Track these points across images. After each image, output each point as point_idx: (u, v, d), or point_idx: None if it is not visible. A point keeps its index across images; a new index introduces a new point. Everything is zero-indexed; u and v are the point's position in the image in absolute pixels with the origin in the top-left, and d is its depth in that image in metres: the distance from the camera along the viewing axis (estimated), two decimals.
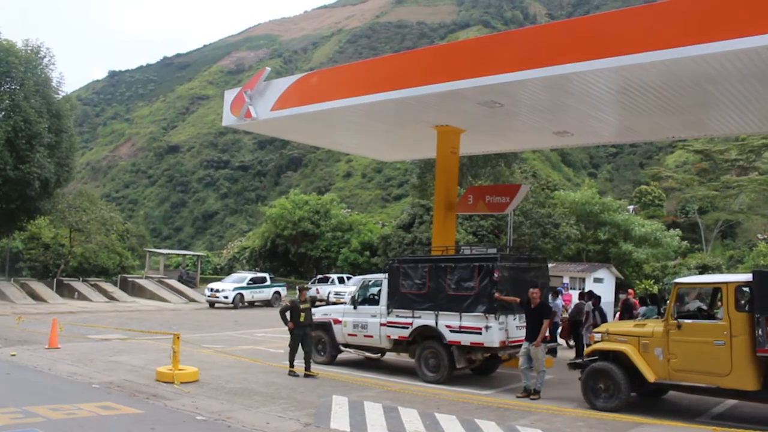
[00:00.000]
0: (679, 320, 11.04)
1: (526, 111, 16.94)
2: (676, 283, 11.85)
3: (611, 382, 11.57)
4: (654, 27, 12.47)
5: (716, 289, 11.58)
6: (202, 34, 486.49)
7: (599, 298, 19.17)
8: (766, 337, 10.02)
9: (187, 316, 31.33)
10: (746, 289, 10.65)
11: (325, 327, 16.26)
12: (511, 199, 18.86)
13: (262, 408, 11.27)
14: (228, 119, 19.36)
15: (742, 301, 10.60)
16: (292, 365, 14.71)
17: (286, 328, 15.05)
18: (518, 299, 13.44)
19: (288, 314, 14.95)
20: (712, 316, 11.32)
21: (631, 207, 62.12)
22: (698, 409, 12.06)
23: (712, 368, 10.59)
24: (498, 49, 14.89)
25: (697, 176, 68.73)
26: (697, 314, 11.72)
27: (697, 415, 11.53)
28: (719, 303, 11.17)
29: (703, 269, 41.17)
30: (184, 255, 62.32)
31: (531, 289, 13.14)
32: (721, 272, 37.60)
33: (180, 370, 13.47)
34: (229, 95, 19.24)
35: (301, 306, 14.89)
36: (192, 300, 41.77)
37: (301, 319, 14.77)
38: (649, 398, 12.70)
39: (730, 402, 12.19)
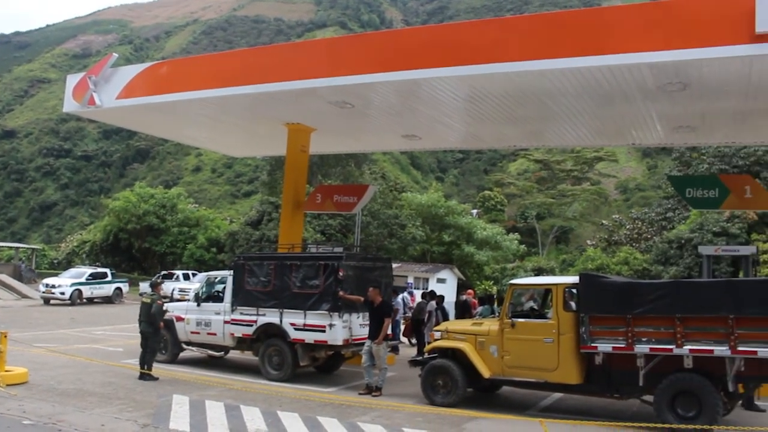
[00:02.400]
0: (513, 319, 11.63)
1: (377, 113, 17.21)
2: (511, 284, 12.52)
3: (449, 378, 11.99)
4: (500, 40, 13.04)
5: (547, 290, 12.28)
6: (45, 13, 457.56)
7: (442, 297, 19.79)
8: (590, 334, 10.77)
9: (19, 314, 29.32)
10: (574, 290, 11.38)
11: (167, 324, 15.77)
12: (358, 199, 19.08)
13: (97, 409, 10.77)
14: (70, 105, 18.33)
15: (570, 302, 11.34)
16: (151, 368, 14.03)
17: (135, 325, 14.38)
18: (362, 298, 13.61)
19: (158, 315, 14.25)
20: (543, 316, 11.98)
21: (474, 211, 64.52)
22: (528, 402, 12.72)
23: (542, 364, 11.23)
24: (351, 50, 15.07)
25: (536, 184, 72.58)
26: (530, 314, 12.40)
27: (527, 408, 12.17)
28: (550, 303, 11.84)
29: (539, 271, 43.50)
30: (17, 248, 58.46)
31: (369, 289, 13.36)
32: (555, 275, 39.86)
33: (6, 371, 12.53)
34: (72, 80, 18.23)
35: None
36: (25, 296, 39.08)
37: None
38: (484, 393, 13.21)
39: (557, 395, 12.96)
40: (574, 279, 11.58)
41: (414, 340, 20.43)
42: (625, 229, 51.40)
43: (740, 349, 9.81)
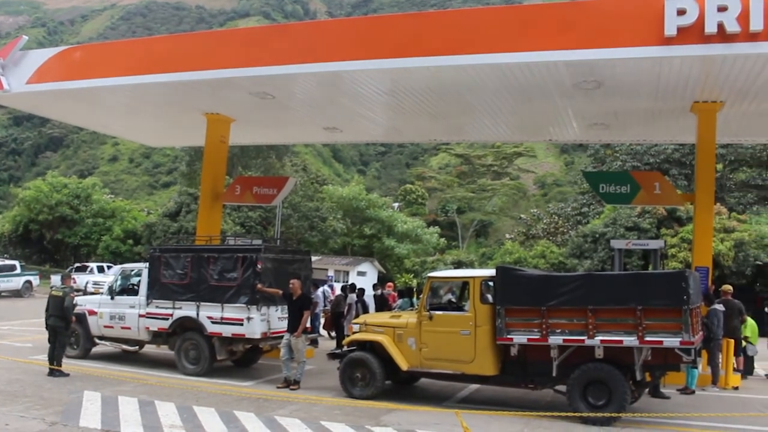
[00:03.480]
0: (430, 312, 11.75)
1: (298, 105, 17.06)
2: (429, 277, 12.65)
3: (368, 371, 12.04)
4: (422, 34, 13.11)
5: (465, 283, 12.44)
6: None
7: (363, 290, 19.82)
8: (505, 326, 10.98)
9: None
10: (490, 283, 11.56)
11: (79, 318, 15.27)
12: (278, 192, 18.89)
13: (2, 408, 10.30)
14: None
15: (487, 294, 11.52)
16: (61, 363, 13.52)
17: (47, 321, 13.80)
18: (281, 291, 13.51)
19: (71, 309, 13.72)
20: (460, 308, 12.14)
21: (396, 204, 64.92)
22: (446, 394, 12.88)
23: (459, 356, 11.39)
24: (272, 41, 14.85)
25: (457, 178, 73.52)
26: (447, 306, 12.55)
27: (445, 400, 12.33)
28: (467, 296, 12.00)
29: (459, 265, 44.05)
30: None
31: (292, 281, 13.29)
32: (474, 268, 40.47)
33: None
34: None
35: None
36: None
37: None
38: (403, 385, 13.31)
39: (474, 386, 13.16)
40: (491, 272, 11.76)
41: (334, 333, 20.42)
42: (543, 223, 52.59)
43: (647, 339, 10.17)
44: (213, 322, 13.85)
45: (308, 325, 13.79)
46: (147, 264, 15.09)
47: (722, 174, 41.31)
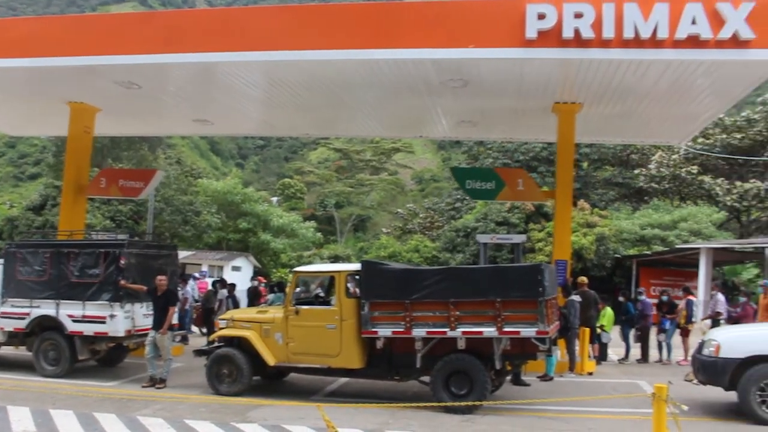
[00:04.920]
0: (297, 306, 11.77)
1: (166, 96, 16.62)
2: (295, 272, 12.67)
3: (235, 367, 11.87)
4: (294, 27, 13.10)
5: (332, 278, 12.48)
6: None
7: (233, 285, 19.58)
8: (370, 320, 11.12)
9: None
10: (357, 277, 11.68)
11: None
12: (146, 185, 18.30)
13: None
14: None
15: (352, 288, 11.63)
16: None
17: None
18: (145, 287, 13.15)
19: None
20: (328, 303, 12.18)
21: (275, 198, 64.36)
22: (315, 388, 12.89)
23: (325, 350, 11.44)
24: (139, 28, 14.32)
25: (335, 173, 73.66)
26: (315, 300, 12.60)
27: (313, 394, 12.37)
28: (334, 290, 12.07)
29: (335, 259, 44.19)
30: None
31: (158, 277, 12.96)
32: (351, 262, 40.69)
33: None
34: None
35: None
36: None
37: None
38: (271, 381, 13.23)
39: (344, 380, 13.26)
40: (356, 266, 11.87)
41: (205, 330, 20.06)
42: (419, 218, 53.55)
43: (506, 329, 10.55)
44: (74, 321, 13.31)
45: (175, 321, 13.50)
46: (2, 261, 14.32)
47: (586, 172, 43.43)
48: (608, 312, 16.86)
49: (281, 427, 9.55)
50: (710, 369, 10.90)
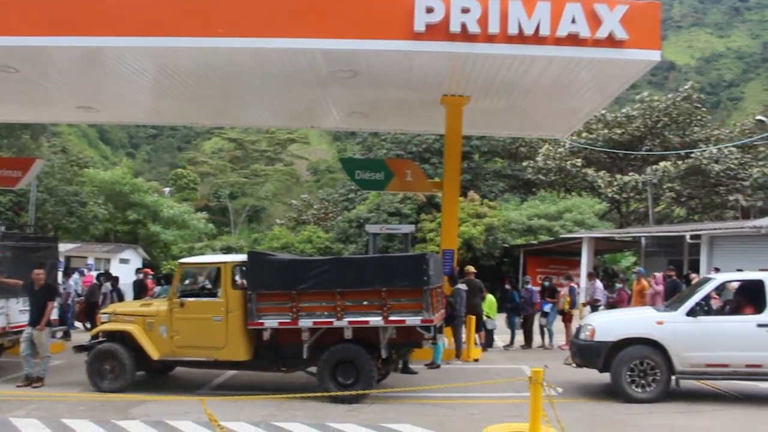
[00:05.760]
0: (182, 299, 11.53)
1: (47, 81, 15.82)
2: (181, 264, 12.41)
3: (117, 362, 11.49)
4: (183, 13, 12.79)
5: (219, 269, 12.29)
6: None
7: (117, 278, 19.02)
8: (257, 311, 11.03)
9: None
10: (243, 268, 11.56)
11: None
12: (23, 174, 17.51)
13: None
14: None
15: (238, 280, 11.51)
16: None
17: None
18: (21, 282, 12.57)
19: None
20: (214, 294, 11.98)
21: (167, 189, 62.80)
22: (201, 381, 12.70)
23: (211, 342, 11.27)
24: (17, 9, 13.59)
25: (230, 163, 72.57)
26: (201, 293, 12.39)
27: (200, 387, 12.17)
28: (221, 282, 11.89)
29: (228, 250, 43.55)
30: None
31: (34, 270, 12.40)
32: (244, 253, 40.13)
33: None
34: None
35: None
36: None
37: None
38: (157, 375, 12.92)
39: (230, 372, 13.11)
40: (243, 257, 11.74)
41: (89, 325, 19.38)
42: (313, 209, 53.49)
43: (392, 318, 10.70)
44: None
45: (55, 317, 12.98)
46: None
47: (477, 164, 44.44)
48: (490, 299, 17.34)
49: (164, 422, 9.34)
50: (586, 352, 11.44)
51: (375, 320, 10.74)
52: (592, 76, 14.09)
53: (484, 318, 16.74)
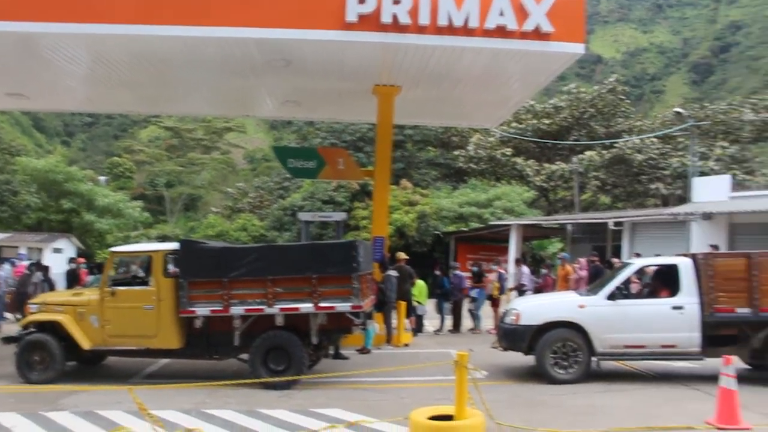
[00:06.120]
0: (113, 288, 11.50)
1: None
2: (112, 252, 12.34)
3: (46, 353, 11.39)
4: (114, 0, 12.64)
5: (150, 257, 12.24)
6: None
7: (48, 268, 18.70)
8: (189, 299, 11.08)
9: None
10: (175, 256, 11.58)
11: None
12: None
13: None
14: None
15: (170, 268, 11.53)
16: None
17: None
18: None
19: None
20: (146, 283, 11.95)
21: (103, 178, 61.42)
22: (133, 370, 12.63)
23: (143, 331, 11.28)
24: None
25: (166, 152, 71.48)
26: (132, 281, 12.34)
27: (132, 376, 12.12)
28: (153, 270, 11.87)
29: (164, 239, 43.01)
30: None
31: None
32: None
33: None
34: None
35: None
36: None
37: None
38: (88, 365, 12.80)
39: (163, 361, 13.11)
40: (175, 245, 11.75)
41: (20, 315, 18.99)
42: (249, 197, 53.16)
43: (322, 305, 10.89)
44: None
45: None
46: None
47: (410, 153, 44.83)
48: (420, 285, 17.67)
49: (94, 413, 9.32)
50: (511, 335, 11.87)
51: (306, 307, 10.90)
52: (519, 67, 14.49)
53: (414, 304, 17.07)
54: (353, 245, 11.13)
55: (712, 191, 26.26)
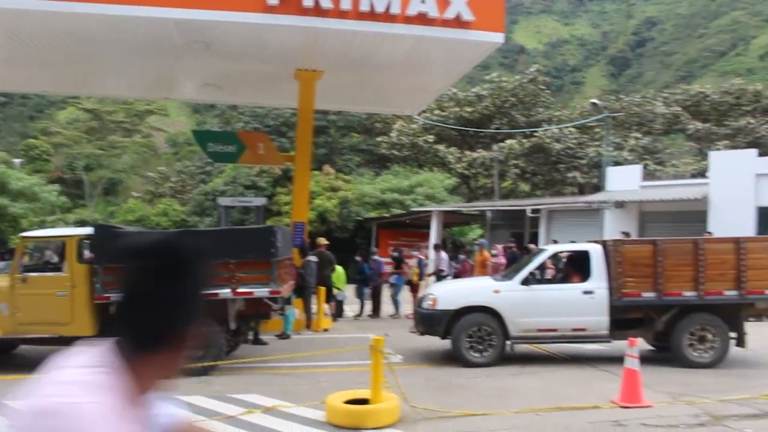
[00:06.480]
0: (24, 274, 11.18)
1: None
2: (22, 237, 11.97)
3: None
4: None
5: (64, 243, 11.94)
6: None
7: None
8: (104, 285, 10.88)
9: None
10: (89, 241, 11.33)
11: None
12: None
13: None
14: None
15: (84, 254, 11.28)
16: None
17: None
18: None
19: None
20: (59, 269, 11.68)
21: (17, 160, 59.13)
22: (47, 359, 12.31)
23: (56, 318, 11.02)
24: None
25: (85, 134, 69.41)
26: (45, 267, 12.01)
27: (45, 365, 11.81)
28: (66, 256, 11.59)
29: (82, 224, 41.79)
30: None
31: None
32: None
33: None
34: None
35: None
36: None
37: None
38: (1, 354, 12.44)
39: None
40: (90, 230, 11.51)
41: None
42: (171, 181, 52.15)
43: (240, 291, 10.87)
44: None
45: None
46: None
47: (334, 138, 44.81)
48: (338, 271, 17.78)
49: (4, 404, 9.06)
50: (428, 320, 12.07)
51: (223, 292, 10.82)
52: (440, 55, 14.67)
53: (334, 290, 17.15)
54: (271, 231, 11.13)
55: (624, 180, 27.18)
